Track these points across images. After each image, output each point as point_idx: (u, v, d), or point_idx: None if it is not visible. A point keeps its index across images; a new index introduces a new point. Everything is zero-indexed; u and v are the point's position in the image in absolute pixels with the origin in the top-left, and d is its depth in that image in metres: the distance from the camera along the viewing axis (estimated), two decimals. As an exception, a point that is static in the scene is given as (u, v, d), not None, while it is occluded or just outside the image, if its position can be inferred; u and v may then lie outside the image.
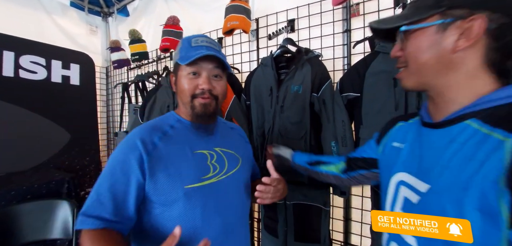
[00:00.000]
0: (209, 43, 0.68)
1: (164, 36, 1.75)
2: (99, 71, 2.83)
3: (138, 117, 1.51)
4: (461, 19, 0.40)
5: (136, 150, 0.62)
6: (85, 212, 0.59)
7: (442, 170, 0.42)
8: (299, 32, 1.47)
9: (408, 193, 0.48)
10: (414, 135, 0.52)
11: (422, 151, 0.48)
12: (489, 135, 0.38)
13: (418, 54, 0.44)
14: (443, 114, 0.45)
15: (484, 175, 0.36)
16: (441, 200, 0.41)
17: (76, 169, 2.42)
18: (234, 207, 0.72)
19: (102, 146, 2.78)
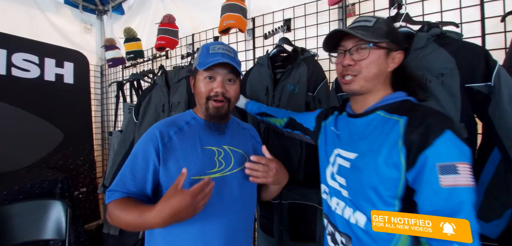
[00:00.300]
0: (225, 51, 0.76)
1: (160, 34, 1.74)
2: (94, 69, 2.80)
3: (133, 116, 1.50)
4: (394, 51, 0.66)
5: (155, 140, 0.72)
6: (111, 188, 0.71)
7: (364, 142, 0.65)
8: (295, 32, 1.47)
9: (342, 161, 0.70)
10: (344, 122, 0.75)
11: (350, 133, 0.71)
12: (390, 118, 0.63)
13: (369, 66, 0.64)
14: (363, 108, 0.69)
15: (389, 141, 0.60)
16: (364, 161, 0.64)
17: (70, 169, 2.39)
18: (236, 203, 0.76)
19: (97, 146, 2.75)
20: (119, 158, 1.55)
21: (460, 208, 0.51)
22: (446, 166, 0.53)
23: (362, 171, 0.63)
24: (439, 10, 1.10)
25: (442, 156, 0.53)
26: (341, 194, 0.69)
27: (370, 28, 0.63)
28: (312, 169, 1.18)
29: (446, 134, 0.54)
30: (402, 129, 0.58)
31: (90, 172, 2.58)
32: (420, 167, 0.55)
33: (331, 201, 0.72)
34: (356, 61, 0.64)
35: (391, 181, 0.58)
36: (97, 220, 2.62)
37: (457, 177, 0.52)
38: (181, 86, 1.38)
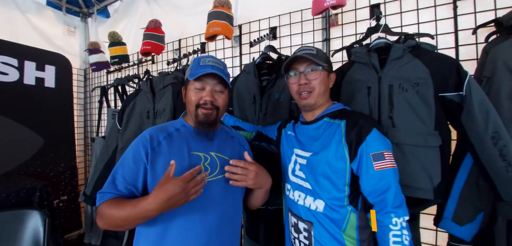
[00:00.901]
0: (215, 63, 0.81)
1: (145, 39, 1.72)
2: (77, 73, 2.72)
3: (117, 122, 1.46)
4: (331, 73, 0.88)
5: (145, 144, 0.76)
6: (102, 191, 0.73)
7: (315, 142, 0.83)
8: (281, 40, 1.50)
9: (300, 160, 0.86)
10: (299, 128, 0.92)
11: (304, 137, 0.88)
12: (333, 122, 0.82)
13: (320, 85, 0.83)
14: (313, 117, 0.87)
15: (335, 139, 0.78)
16: (318, 157, 0.80)
17: (50, 176, 2.29)
18: (219, 208, 0.78)
19: (79, 152, 2.66)
20: (101, 165, 1.51)
21: (389, 185, 0.71)
22: (377, 154, 0.72)
23: (317, 165, 0.80)
24: (416, 22, 1.16)
25: (373, 147, 0.73)
26: (302, 187, 0.84)
27: (316, 56, 0.81)
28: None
29: (373, 131, 0.74)
30: (343, 129, 0.78)
31: (72, 179, 2.48)
32: (359, 157, 0.74)
33: (294, 194, 0.87)
34: (310, 81, 0.82)
35: (340, 171, 0.76)
36: (79, 229, 2.52)
37: (384, 162, 0.72)
38: (167, 93, 1.36)
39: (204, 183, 0.71)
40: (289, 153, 0.91)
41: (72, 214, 2.47)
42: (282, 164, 0.97)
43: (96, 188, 1.53)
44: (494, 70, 0.82)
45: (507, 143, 0.72)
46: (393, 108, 0.91)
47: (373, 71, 0.96)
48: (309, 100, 0.83)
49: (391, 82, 0.92)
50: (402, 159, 0.87)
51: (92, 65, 2.24)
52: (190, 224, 0.74)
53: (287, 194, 0.92)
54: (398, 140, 0.88)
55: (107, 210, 0.69)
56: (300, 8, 1.40)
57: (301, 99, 0.85)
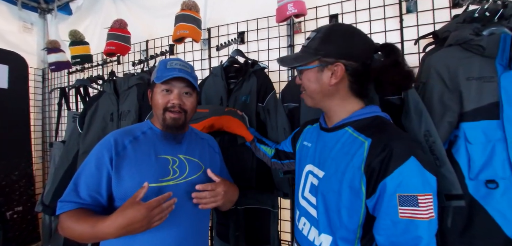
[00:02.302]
0: (182, 66, 0.79)
1: (110, 40, 1.66)
2: (34, 73, 2.52)
3: (77, 126, 1.40)
4: (330, 64, 0.61)
5: (109, 148, 0.73)
6: (63, 199, 0.70)
7: (331, 161, 0.63)
8: (249, 44, 1.54)
9: (312, 179, 0.68)
10: (316, 136, 0.74)
11: (320, 148, 0.69)
12: (357, 137, 0.59)
13: (309, 85, 0.65)
14: (332, 123, 0.68)
15: (353, 164, 0.57)
16: (330, 181, 0.61)
17: (2, 186, 2.10)
18: (189, 211, 0.78)
19: (36, 158, 2.46)
20: (61, 172, 1.42)
21: (417, 243, 0.49)
22: (406, 197, 0.49)
23: (327, 192, 0.61)
24: (368, 32, 1.27)
25: (403, 185, 0.50)
26: (309, 214, 0.67)
27: (304, 48, 0.66)
28: (263, 175, 1.24)
29: (409, 161, 0.50)
30: (366, 152, 0.55)
31: (27, 188, 2.29)
32: (379, 195, 0.52)
33: (299, 222, 0.71)
34: (301, 81, 0.69)
35: (353, 207, 0.56)
36: (37, 242, 2.32)
37: (416, 209, 0.49)
38: (132, 94, 1.33)
39: (172, 208, 0.67)
40: (302, 166, 0.74)
41: (29, 226, 2.28)
42: (295, 182, 0.81)
43: (55, 197, 1.44)
44: (428, 77, 0.93)
45: (436, 139, 0.83)
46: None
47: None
48: (306, 101, 0.70)
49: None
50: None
51: (51, 65, 2.09)
52: (158, 229, 0.70)
53: (295, 219, 0.75)
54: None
55: (66, 222, 0.67)
56: (266, 15, 1.46)
57: None
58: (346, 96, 0.64)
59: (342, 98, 0.64)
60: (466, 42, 0.84)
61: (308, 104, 0.69)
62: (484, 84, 0.81)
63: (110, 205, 0.75)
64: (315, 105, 0.68)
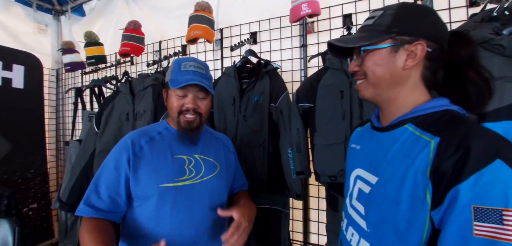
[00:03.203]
0: (197, 68, 0.78)
1: (124, 40, 1.69)
2: (48, 74, 2.58)
3: (94, 125, 1.43)
4: (408, 43, 0.50)
5: (127, 149, 0.75)
6: (85, 201, 0.73)
7: (387, 165, 0.52)
8: (261, 44, 1.55)
9: (362, 185, 0.58)
10: (367, 137, 0.63)
11: (372, 150, 0.58)
12: (420, 136, 0.48)
13: (376, 69, 0.53)
14: (389, 120, 0.56)
15: (415, 169, 0.46)
16: (385, 189, 0.50)
17: (18, 183, 2.16)
18: (204, 210, 0.79)
19: (51, 156, 2.52)
20: (78, 170, 1.46)
21: None
22: (486, 211, 0.38)
23: (382, 201, 0.50)
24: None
25: (482, 195, 0.38)
26: (357, 225, 0.57)
27: (369, 28, 0.54)
28: (275, 175, 1.25)
29: (494, 165, 0.38)
30: (432, 153, 0.44)
31: (42, 186, 2.35)
32: (448, 205, 0.41)
33: (347, 231, 0.61)
34: (360, 66, 0.56)
35: (415, 222, 0.45)
36: (51, 239, 2.38)
37: (499, 227, 0.37)
38: (147, 94, 1.36)
39: None
40: (349, 172, 0.65)
41: (43, 222, 2.34)
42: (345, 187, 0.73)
43: (72, 194, 1.47)
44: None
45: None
46: (363, 110, 1.00)
47: (344, 76, 1.05)
48: (363, 92, 0.57)
49: (360, 86, 1.00)
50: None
51: (66, 66, 2.14)
52: (177, 229, 0.74)
53: (342, 226, 0.66)
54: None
55: (84, 234, 0.69)
56: (279, 15, 1.47)
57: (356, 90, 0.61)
58: (416, 86, 0.53)
59: (411, 88, 0.53)
60: (486, 41, 0.82)
61: (365, 96, 0.57)
62: (505, 84, 0.78)
63: (129, 204, 0.77)
64: (374, 97, 0.56)
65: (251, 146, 1.26)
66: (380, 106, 0.58)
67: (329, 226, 1.24)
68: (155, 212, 0.74)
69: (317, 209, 1.44)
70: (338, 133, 1.04)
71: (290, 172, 1.20)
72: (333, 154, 1.05)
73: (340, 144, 1.04)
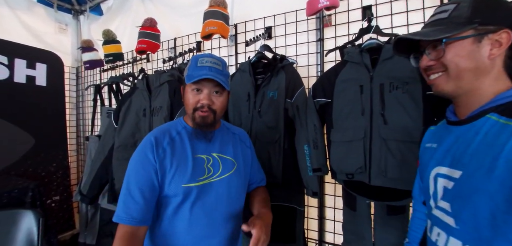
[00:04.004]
0: (213, 64, 0.78)
1: (141, 38, 1.71)
2: (69, 72, 2.68)
3: (112, 121, 1.46)
4: (492, 33, 0.50)
5: (151, 148, 0.76)
6: (122, 207, 0.73)
7: (470, 158, 0.51)
8: (276, 39, 1.53)
9: (444, 182, 0.56)
10: (443, 133, 0.62)
11: (451, 145, 0.56)
12: (506, 124, 0.47)
13: (459, 61, 0.52)
14: (466, 113, 0.55)
15: (505, 157, 0.45)
16: (472, 182, 0.49)
17: (42, 176, 2.26)
18: (222, 207, 0.81)
19: (71, 151, 2.62)
20: (98, 164, 1.50)
21: None
22: None
23: (470, 195, 0.49)
24: (405, 23, 1.20)
25: None
26: (444, 223, 0.55)
27: (444, 21, 0.53)
28: (290, 173, 1.23)
29: None
30: None
31: (64, 179, 2.45)
32: None
33: (432, 232, 0.59)
34: (436, 61, 0.54)
35: (506, 208, 0.43)
36: (72, 230, 2.49)
37: None
38: (163, 91, 1.37)
39: None
40: (427, 174, 0.62)
41: (65, 214, 2.45)
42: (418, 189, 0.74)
43: (92, 187, 1.53)
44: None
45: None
46: (384, 106, 0.96)
47: (365, 71, 1.00)
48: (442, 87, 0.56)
49: (382, 81, 0.96)
50: (393, 153, 0.91)
51: (85, 63, 2.21)
52: (195, 226, 0.77)
53: (427, 229, 0.64)
54: (389, 136, 0.93)
55: (116, 237, 0.72)
56: (294, 9, 1.43)
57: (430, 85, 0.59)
58: (499, 75, 0.52)
59: (494, 77, 0.52)
60: None
61: (443, 90, 0.55)
62: None
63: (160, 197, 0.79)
64: (455, 90, 0.54)
65: (266, 143, 1.24)
66: (458, 99, 0.56)
67: (346, 225, 1.20)
68: (175, 210, 0.77)
69: (333, 207, 1.41)
70: (356, 130, 1.01)
71: (306, 169, 1.18)
72: (351, 151, 1.02)
73: (359, 141, 1.00)
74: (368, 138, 0.98)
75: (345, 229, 1.21)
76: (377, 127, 0.96)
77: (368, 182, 0.99)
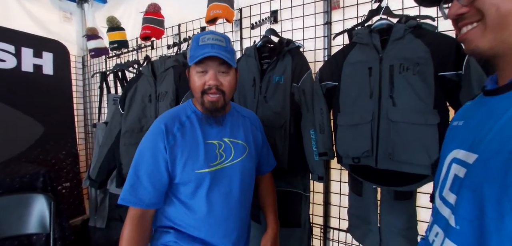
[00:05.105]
0: (215, 40, 0.73)
1: (145, 24, 1.70)
2: (75, 60, 2.69)
3: (119, 107, 1.47)
4: None
5: (162, 136, 0.74)
6: (131, 191, 0.72)
7: (493, 137, 0.37)
8: (282, 23, 1.49)
9: (457, 169, 0.42)
10: (475, 108, 0.47)
11: (479, 122, 0.42)
12: None
13: (501, 3, 0.37)
14: (507, 78, 0.39)
15: None
16: (486, 167, 0.36)
17: (52, 163, 2.31)
18: (235, 191, 0.81)
19: (80, 139, 2.67)
20: (105, 149, 1.53)
21: None
22: None
23: (480, 184, 0.35)
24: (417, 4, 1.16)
25: None
26: (444, 220, 0.42)
27: None
28: (296, 158, 1.22)
29: None
30: None
31: (74, 166, 2.50)
32: None
33: (431, 232, 0.48)
34: (470, 6, 0.40)
35: None
36: (82, 215, 2.56)
37: None
38: (168, 76, 1.37)
39: None
40: (444, 155, 0.50)
41: (75, 200, 2.51)
42: None
43: (101, 172, 1.56)
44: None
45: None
46: (393, 88, 0.93)
47: (374, 52, 0.98)
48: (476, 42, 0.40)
49: (392, 62, 0.93)
50: (401, 136, 0.90)
51: (90, 52, 2.22)
52: (211, 213, 0.78)
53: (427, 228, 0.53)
54: (398, 118, 0.90)
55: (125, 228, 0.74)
56: (301, -9, 1.39)
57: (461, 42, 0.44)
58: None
59: None
60: None
61: (479, 46, 0.40)
62: None
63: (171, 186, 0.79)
64: (496, 45, 0.39)
65: (272, 128, 1.24)
66: (501, 61, 0.41)
67: (352, 210, 1.20)
68: (191, 197, 0.77)
69: (338, 193, 1.40)
70: (364, 113, 0.98)
71: (312, 154, 1.17)
72: (358, 134, 1.00)
73: (367, 124, 0.98)
74: (376, 121, 0.96)
75: (350, 214, 1.21)
76: (385, 109, 0.94)
77: (375, 165, 0.98)
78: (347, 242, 1.43)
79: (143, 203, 0.72)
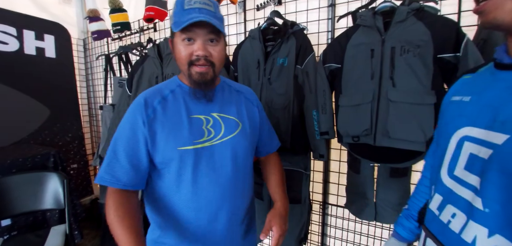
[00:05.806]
0: (203, 4, 0.64)
1: (148, 5, 1.69)
2: (76, 43, 2.68)
3: (126, 89, 1.51)
4: None
5: (141, 110, 0.67)
6: (107, 169, 0.65)
7: None
8: (286, 5, 1.50)
9: (475, 148, 0.41)
10: (485, 82, 0.45)
11: (496, 99, 0.40)
12: None
13: None
14: None
15: None
16: None
17: (59, 145, 2.37)
18: (227, 172, 0.73)
19: (84, 122, 2.71)
20: (114, 129, 1.57)
21: None
22: None
23: None
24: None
25: None
26: (465, 202, 0.42)
27: None
28: (298, 138, 1.28)
29: None
30: None
31: (80, 148, 2.57)
32: None
33: (443, 211, 0.46)
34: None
35: None
36: (90, 196, 2.65)
37: None
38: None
39: None
40: (448, 133, 0.48)
41: (83, 181, 2.60)
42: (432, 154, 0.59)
43: (109, 152, 1.61)
44: (490, 34, 0.87)
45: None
46: (394, 69, 0.97)
47: (377, 34, 1.01)
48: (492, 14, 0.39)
49: (393, 44, 0.97)
50: (399, 115, 0.94)
51: (93, 34, 2.21)
52: (200, 194, 0.70)
53: (429, 204, 0.52)
54: (397, 98, 0.95)
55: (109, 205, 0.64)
56: (305, -28, 1.39)
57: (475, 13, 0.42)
58: None
59: None
60: None
61: (496, 17, 0.38)
62: None
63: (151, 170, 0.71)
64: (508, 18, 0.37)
65: (276, 109, 1.28)
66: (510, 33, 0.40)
67: (349, 187, 1.27)
68: (176, 177, 0.68)
69: (337, 172, 1.47)
70: (365, 93, 1.03)
71: (314, 134, 1.22)
72: (359, 114, 1.04)
73: (367, 104, 1.02)
74: (376, 101, 1.01)
75: (348, 191, 1.28)
76: (385, 89, 0.98)
77: (373, 143, 1.03)
78: (344, 217, 1.52)
79: (120, 182, 0.65)
